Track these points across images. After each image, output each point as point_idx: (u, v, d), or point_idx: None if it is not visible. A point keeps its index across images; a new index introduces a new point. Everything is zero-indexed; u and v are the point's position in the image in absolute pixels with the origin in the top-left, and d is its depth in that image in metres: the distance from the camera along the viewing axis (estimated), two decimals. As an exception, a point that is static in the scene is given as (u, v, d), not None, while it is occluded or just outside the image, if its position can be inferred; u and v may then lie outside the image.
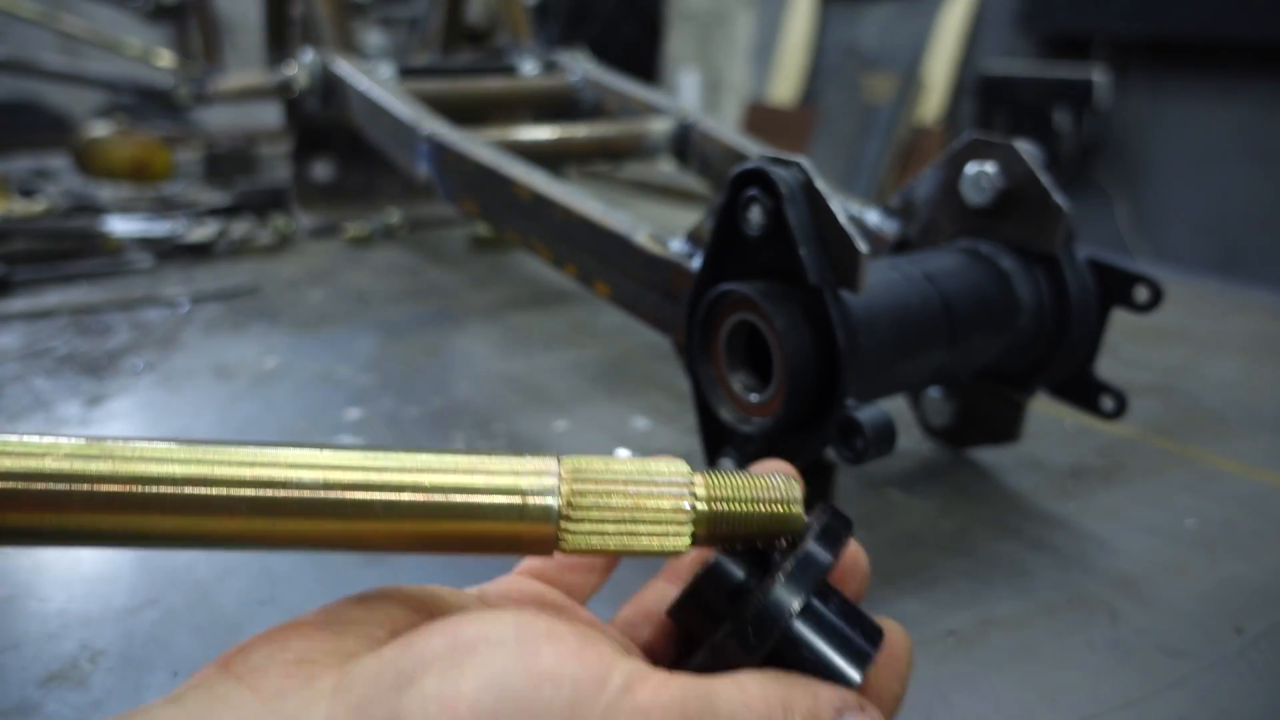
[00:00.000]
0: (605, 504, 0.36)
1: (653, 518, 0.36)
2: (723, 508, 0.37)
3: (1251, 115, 2.92)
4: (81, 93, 3.21)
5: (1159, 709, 0.50)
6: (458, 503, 0.34)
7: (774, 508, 0.38)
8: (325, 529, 0.33)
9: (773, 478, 0.38)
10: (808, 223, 0.57)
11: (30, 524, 0.31)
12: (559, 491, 0.35)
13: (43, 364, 0.97)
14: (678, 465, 0.38)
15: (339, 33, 1.46)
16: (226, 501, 0.32)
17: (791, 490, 0.38)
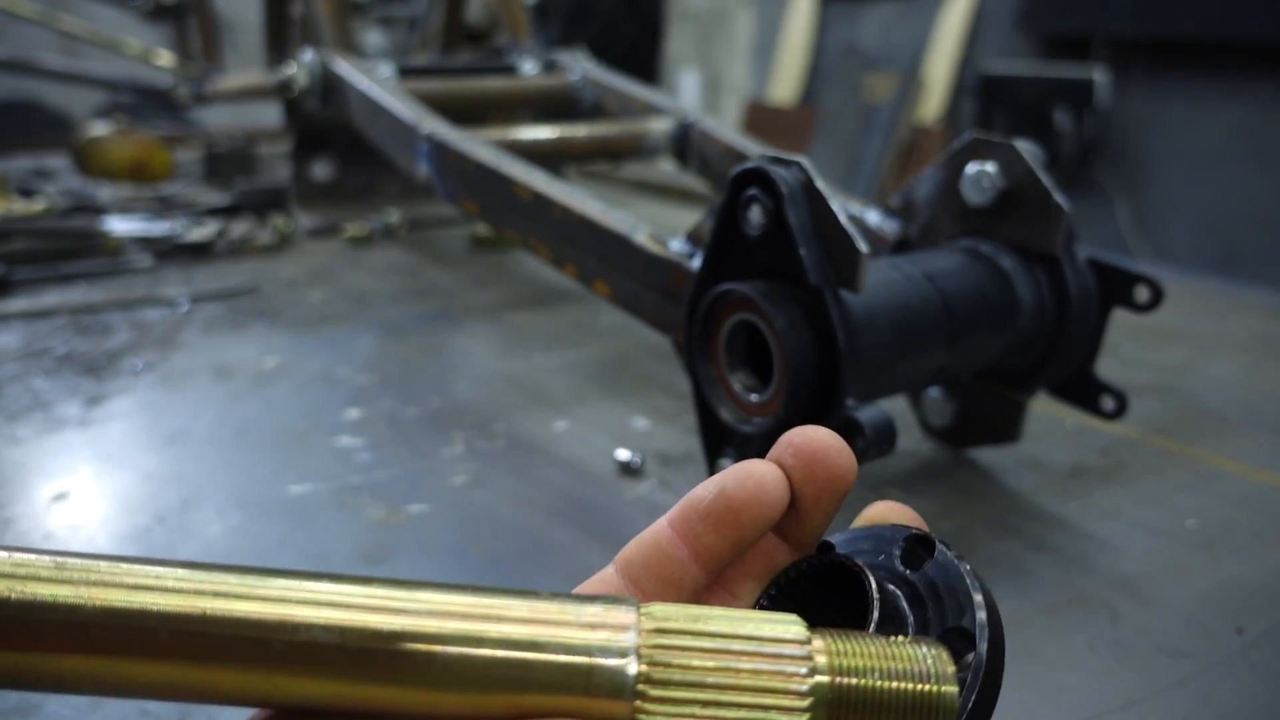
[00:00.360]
0: (696, 679, 0.27)
1: (757, 700, 0.28)
2: (851, 684, 0.29)
3: (1252, 115, 2.92)
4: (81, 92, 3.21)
5: (1160, 709, 0.50)
6: (508, 661, 0.27)
7: (919, 688, 0.30)
8: (335, 691, 0.27)
9: (918, 648, 0.30)
10: (808, 223, 0.57)
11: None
12: (637, 654, 0.27)
13: (42, 364, 0.97)
14: (791, 625, 0.29)
15: (339, 32, 1.46)
16: (217, 646, 0.26)
17: (941, 666, 0.30)
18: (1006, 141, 0.65)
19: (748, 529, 0.33)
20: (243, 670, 0.26)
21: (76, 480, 0.74)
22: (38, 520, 0.68)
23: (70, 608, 0.24)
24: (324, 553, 0.64)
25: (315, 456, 0.79)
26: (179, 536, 0.66)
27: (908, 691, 0.29)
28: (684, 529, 0.33)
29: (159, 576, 0.26)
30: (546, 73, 1.44)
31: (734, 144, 1.07)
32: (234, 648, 0.25)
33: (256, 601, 0.26)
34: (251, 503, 0.71)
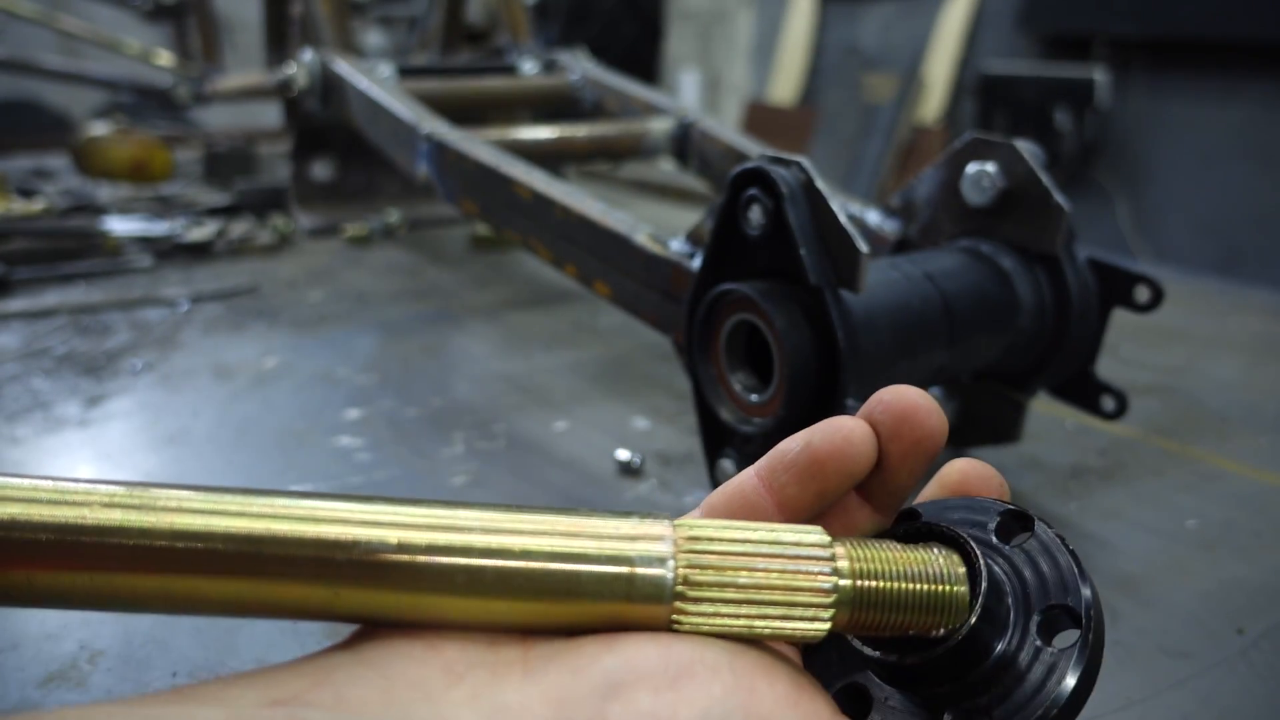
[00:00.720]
0: (728, 580, 0.30)
1: (785, 597, 0.30)
2: (870, 585, 0.31)
3: (1252, 115, 2.92)
4: (81, 92, 3.21)
5: (1160, 709, 0.50)
6: (555, 572, 0.29)
7: (933, 588, 0.31)
8: (394, 602, 0.28)
9: (930, 552, 0.32)
10: (808, 222, 0.57)
11: (56, 584, 0.27)
12: (674, 563, 0.30)
13: (41, 364, 0.97)
14: (815, 534, 0.32)
15: (338, 32, 1.46)
16: (284, 564, 0.27)
17: (952, 568, 0.32)
18: (1007, 141, 0.65)
19: (832, 481, 0.34)
20: (307, 585, 0.28)
21: (76, 480, 0.74)
22: (37, 520, 0.68)
23: (142, 530, 0.27)
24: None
25: (315, 456, 0.79)
26: (178, 536, 0.66)
27: (923, 591, 0.31)
28: (769, 478, 0.34)
29: (220, 502, 0.28)
30: (546, 73, 1.44)
31: (734, 144, 1.07)
32: (298, 565, 0.27)
33: (321, 523, 0.28)
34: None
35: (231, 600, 0.28)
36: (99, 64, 2.70)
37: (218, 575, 0.27)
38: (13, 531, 0.26)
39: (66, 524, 0.26)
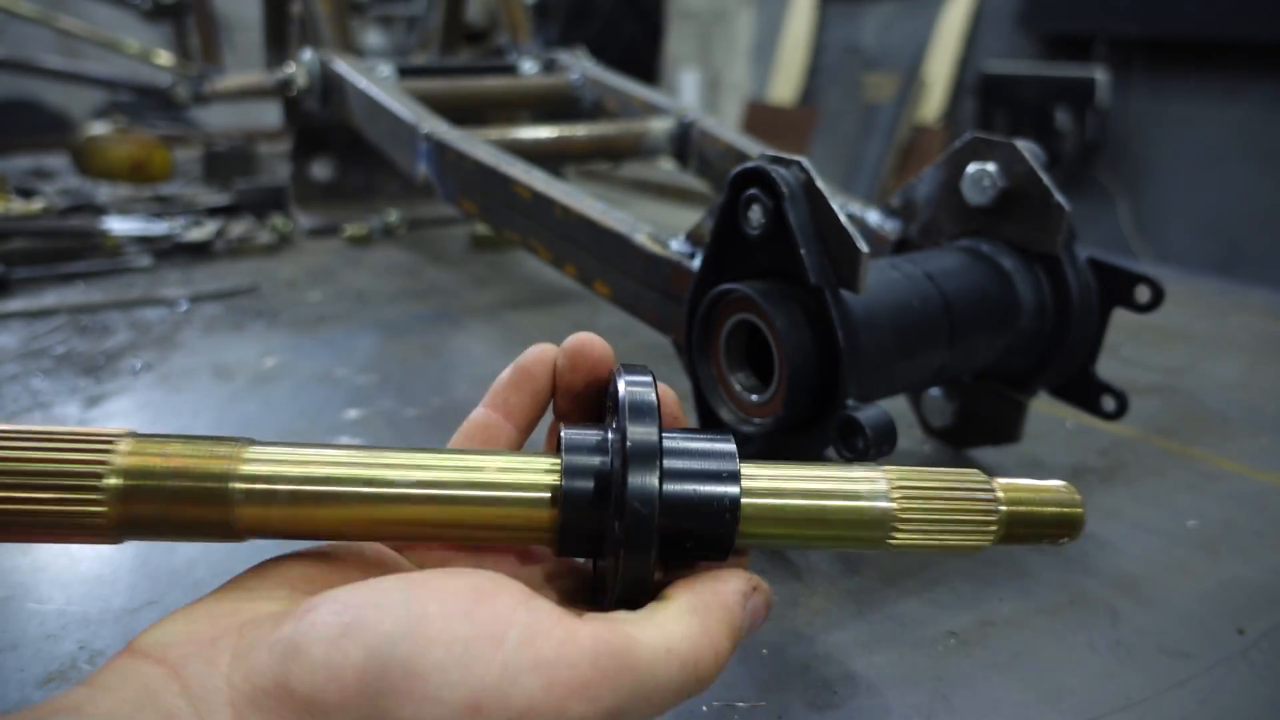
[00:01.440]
0: (929, 508, 0.41)
1: (965, 519, 0.42)
2: (1019, 510, 0.43)
3: (1252, 115, 2.92)
4: (80, 92, 3.21)
5: (1161, 710, 0.50)
6: (816, 508, 0.41)
7: (1060, 511, 0.44)
8: None
9: (1056, 483, 0.44)
10: (808, 222, 0.57)
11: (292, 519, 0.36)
12: (890, 497, 0.41)
13: (41, 364, 0.97)
14: (975, 473, 0.43)
15: (338, 32, 1.46)
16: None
17: (1073, 494, 0.44)
18: (1007, 141, 0.65)
19: (540, 380, 0.46)
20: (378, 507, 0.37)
21: (75, 480, 0.74)
22: (36, 520, 0.68)
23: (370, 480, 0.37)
24: (323, 553, 0.64)
25: (315, 456, 0.78)
26: (178, 537, 0.66)
27: (1056, 513, 0.44)
28: (494, 402, 0.45)
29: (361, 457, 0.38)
30: (546, 72, 1.44)
31: (734, 144, 1.07)
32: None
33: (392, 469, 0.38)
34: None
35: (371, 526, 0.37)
36: (98, 64, 2.70)
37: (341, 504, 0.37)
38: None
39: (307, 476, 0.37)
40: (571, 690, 0.30)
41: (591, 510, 0.38)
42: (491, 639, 0.30)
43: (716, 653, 0.34)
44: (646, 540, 0.36)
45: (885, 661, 0.53)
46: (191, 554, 0.63)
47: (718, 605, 0.36)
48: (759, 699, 0.50)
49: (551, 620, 0.31)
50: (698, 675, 0.34)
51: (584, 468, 0.39)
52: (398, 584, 0.32)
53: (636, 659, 0.32)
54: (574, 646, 0.31)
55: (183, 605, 0.35)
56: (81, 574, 0.61)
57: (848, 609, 0.58)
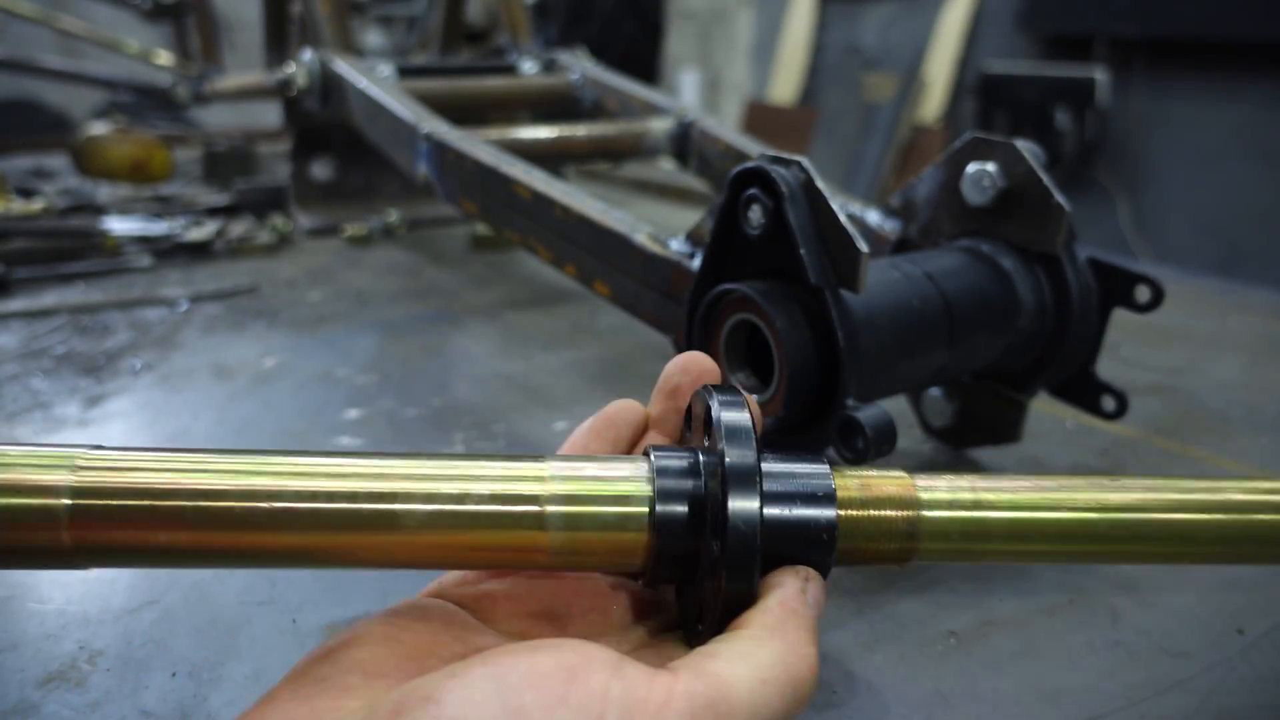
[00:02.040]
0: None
1: None
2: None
3: (1252, 115, 2.92)
4: (81, 92, 3.21)
5: (1161, 710, 0.50)
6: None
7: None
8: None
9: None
10: (808, 222, 0.57)
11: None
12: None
13: (41, 364, 0.97)
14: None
15: (338, 32, 1.46)
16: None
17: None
18: (1007, 141, 0.65)
19: (623, 429, 0.51)
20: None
21: (75, 480, 0.74)
22: (36, 520, 0.68)
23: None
24: (323, 553, 0.64)
25: (315, 456, 0.78)
26: (178, 537, 0.66)
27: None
28: (572, 448, 0.48)
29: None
30: (546, 72, 1.44)
31: (734, 144, 1.07)
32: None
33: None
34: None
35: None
36: (99, 64, 2.70)
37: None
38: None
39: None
40: None
41: (687, 535, 0.38)
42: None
43: (810, 664, 0.34)
44: (750, 564, 0.36)
45: (885, 661, 0.53)
46: (191, 554, 0.63)
47: (789, 614, 0.35)
48: (759, 699, 0.50)
49: (646, 687, 0.31)
50: (798, 694, 0.33)
51: (678, 491, 0.38)
52: (486, 674, 0.30)
53: (736, 702, 0.31)
54: (671, 711, 0.30)
55: (251, 709, 0.33)
56: (81, 574, 0.61)
57: (848, 609, 0.58)
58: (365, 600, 0.58)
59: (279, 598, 0.59)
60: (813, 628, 0.36)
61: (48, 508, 0.31)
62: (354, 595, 0.59)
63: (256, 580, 0.60)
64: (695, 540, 0.38)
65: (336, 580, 0.61)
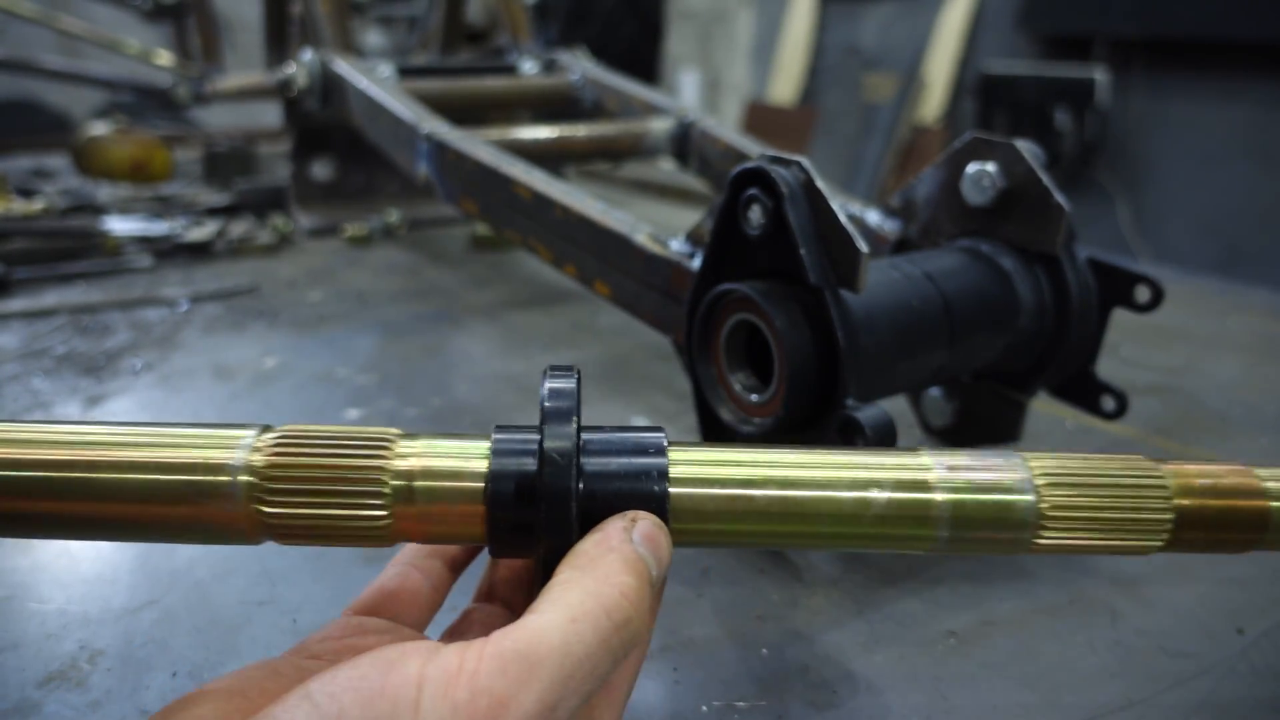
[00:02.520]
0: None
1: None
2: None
3: (1252, 115, 2.92)
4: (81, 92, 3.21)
5: (1161, 710, 0.50)
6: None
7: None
8: None
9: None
10: (808, 222, 0.57)
11: None
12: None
13: (41, 364, 0.97)
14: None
15: (338, 32, 1.46)
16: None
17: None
18: (1007, 141, 0.65)
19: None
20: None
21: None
22: (37, 520, 0.68)
23: None
24: (323, 553, 0.64)
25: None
26: (178, 537, 0.66)
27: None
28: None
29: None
30: (546, 73, 1.44)
31: (734, 144, 1.07)
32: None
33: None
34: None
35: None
36: (99, 64, 2.70)
37: None
38: None
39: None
40: (494, 715, 0.29)
41: (517, 505, 0.38)
42: (409, 706, 0.29)
43: (623, 590, 0.33)
44: (564, 514, 0.36)
45: (885, 661, 0.53)
46: (192, 554, 0.63)
47: (603, 552, 0.35)
48: (759, 699, 0.50)
49: (458, 658, 0.30)
50: (614, 622, 0.32)
51: (511, 465, 0.39)
52: (303, 693, 0.30)
53: (545, 645, 0.31)
54: (482, 673, 0.30)
55: None
56: (82, 574, 0.61)
57: (848, 609, 0.58)
58: (365, 600, 0.58)
59: (279, 598, 0.59)
60: (633, 560, 0.35)
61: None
62: (352, 595, 0.59)
63: (256, 580, 0.60)
64: (527, 511, 0.38)
65: (336, 580, 0.61)
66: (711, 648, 0.55)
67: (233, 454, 0.37)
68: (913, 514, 0.38)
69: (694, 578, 0.61)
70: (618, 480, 0.38)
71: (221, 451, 0.37)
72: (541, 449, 0.37)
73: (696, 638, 0.55)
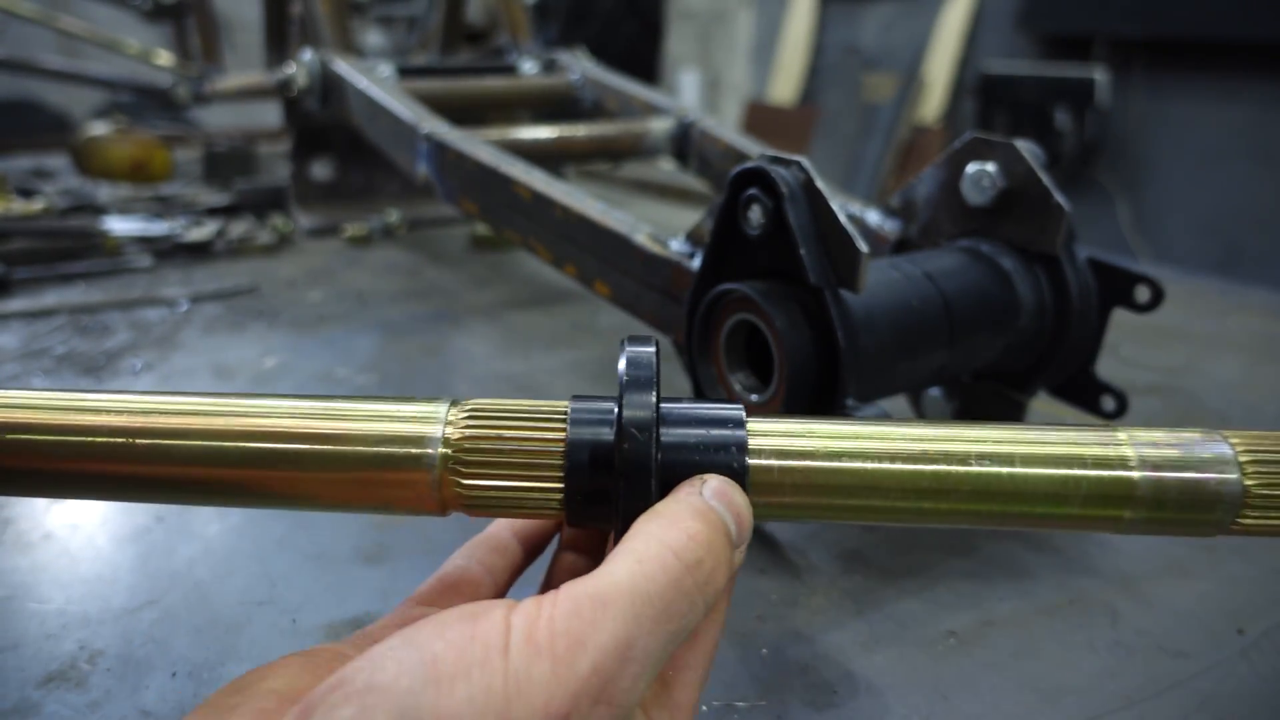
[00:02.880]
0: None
1: None
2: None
3: (1252, 115, 2.92)
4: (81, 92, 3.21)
5: (1160, 709, 0.50)
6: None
7: None
8: None
9: None
10: (808, 222, 0.57)
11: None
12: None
13: (41, 364, 0.97)
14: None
15: (338, 32, 1.46)
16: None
17: None
18: (1007, 141, 0.65)
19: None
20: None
21: (76, 480, 0.74)
22: (37, 520, 0.68)
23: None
24: (323, 553, 0.64)
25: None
26: (178, 537, 0.66)
27: None
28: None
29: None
30: (546, 72, 1.44)
31: (734, 144, 1.07)
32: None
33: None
34: (251, 503, 0.71)
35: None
36: (99, 64, 2.70)
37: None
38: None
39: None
40: (572, 654, 0.30)
41: (595, 476, 0.38)
42: (499, 650, 0.30)
43: (690, 534, 0.34)
44: (644, 477, 0.36)
45: (885, 661, 0.53)
46: (192, 554, 0.63)
47: (673, 505, 0.36)
48: (759, 699, 0.50)
49: (536, 606, 0.31)
50: (685, 563, 0.33)
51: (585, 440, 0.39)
52: (391, 644, 0.31)
53: (616, 589, 0.31)
54: (560, 612, 0.31)
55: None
56: (81, 574, 0.61)
57: (848, 609, 0.58)
58: (364, 599, 0.58)
59: (279, 598, 0.59)
60: (703, 509, 0.36)
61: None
62: (353, 595, 0.59)
63: (256, 580, 0.60)
64: (604, 479, 0.38)
65: (336, 580, 0.61)
66: (711, 648, 0.54)
67: (431, 427, 0.38)
68: (1111, 493, 0.37)
69: (694, 578, 0.61)
70: (697, 452, 0.38)
71: (420, 425, 0.38)
72: (620, 419, 0.37)
73: (696, 638, 0.55)
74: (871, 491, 0.38)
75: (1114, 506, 0.37)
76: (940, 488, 0.38)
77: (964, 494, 0.37)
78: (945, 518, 0.38)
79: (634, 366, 0.39)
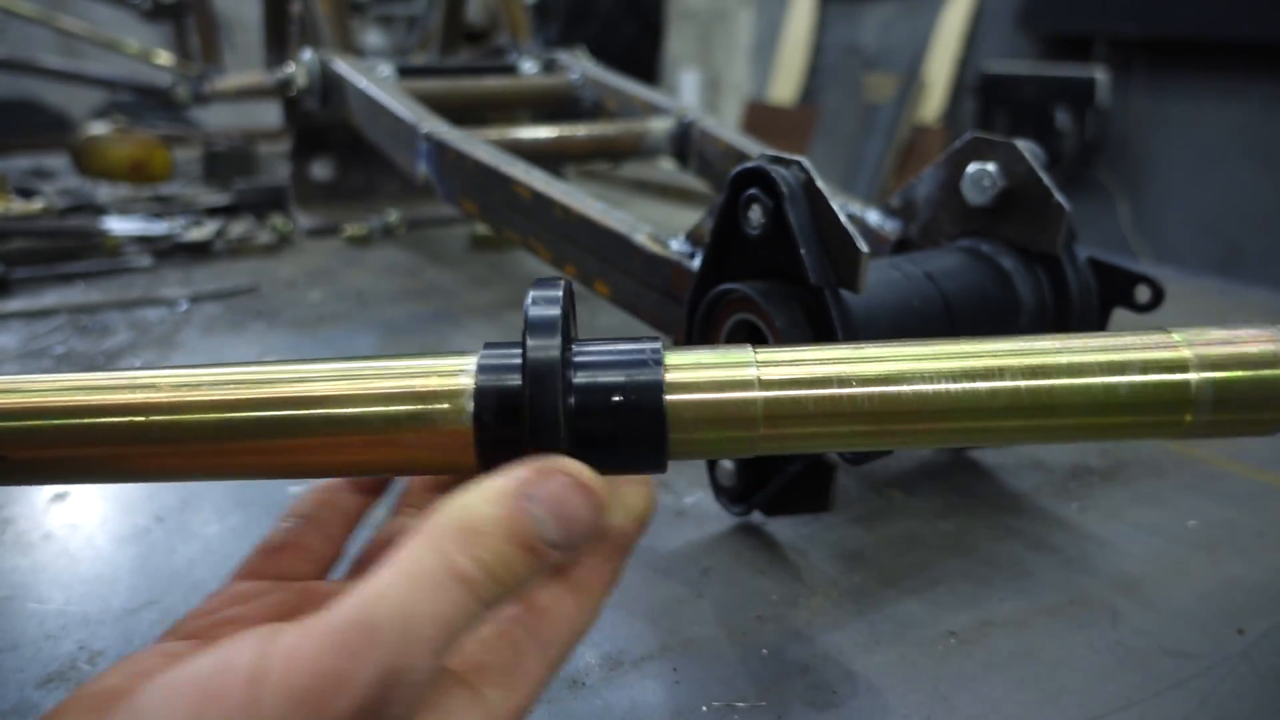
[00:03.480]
0: None
1: None
2: None
3: (1252, 115, 2.92)
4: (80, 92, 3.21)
5: (1160, 710, 0.50)
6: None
7: None
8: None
9: None
10: (808, 222, 0.57)
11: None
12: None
13: (40, 364, 0.97)
14: None
15: (338, 32, 1.46)
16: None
17: None
18: (1007, 141, 0.65)
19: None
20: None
21: (75, 480, 0.74)
22: (37, 520, 0.68)
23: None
24: (323, 553, 0.64)
25: (314, 456, 0.78)
26: (178, 537, 0.66)
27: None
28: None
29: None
30: (546, 72, 1.44)
31: (734, 143, 1.07)
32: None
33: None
34: (250, 503, 0.71)
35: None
36: (99, 64, 2.70)
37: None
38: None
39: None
40: (337, 689, 0.26)
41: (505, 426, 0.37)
42: (244, 705, 0.26)
43: (478, 536, 0.31)
44: (553, 434, 0.35)
45: (885, 661, 0.53)
46: (191, 554, 0.63)
47: (468, 497, 0.32)
48: (759, 699, 0.50)
49: (298, 638, 0.27)
50: (465, 576, 0.30)
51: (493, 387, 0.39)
52: (125, 715, 0.27)
53: (379, 616, 0.28)
54: (309, 643, 0.27)
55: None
56: (81, 574, 0.61)
57: (848, 609, 0.58)
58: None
59: (279, 598, 0.59)
60: (501, 506, 0.32)
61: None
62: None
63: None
64: (513, 428, 0.38)
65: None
66: (711, 648, 0.54)
67: (458, 380, 0.39)
68: (1165, 398, 0.37)
69: (694, 578, 0.61)
70: (612, 392, 0.38)
71: (447, 379, 0.39)
72: (525, 361, 0.37)
73: (696, 638, 0.55)
74: (901, 416, 0.36)
75: (1175, 412, 0.37)
76: (975, 407, 0.36)
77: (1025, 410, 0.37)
78: (981, 437, 0.37)
79: (539, 306, 0.38)
